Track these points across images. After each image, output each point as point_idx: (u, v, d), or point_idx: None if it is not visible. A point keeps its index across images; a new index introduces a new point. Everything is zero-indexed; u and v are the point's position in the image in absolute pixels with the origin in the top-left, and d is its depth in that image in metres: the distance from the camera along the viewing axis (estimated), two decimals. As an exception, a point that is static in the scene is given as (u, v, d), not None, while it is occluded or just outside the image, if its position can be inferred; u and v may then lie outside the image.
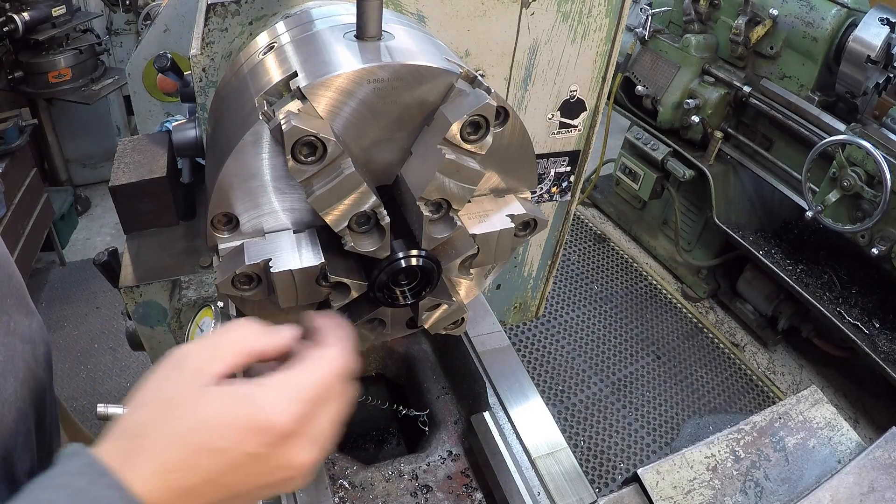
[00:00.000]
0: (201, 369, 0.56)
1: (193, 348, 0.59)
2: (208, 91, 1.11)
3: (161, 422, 0.53)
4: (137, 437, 0.53)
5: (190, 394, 0.55)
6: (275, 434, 0.55)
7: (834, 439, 1.04)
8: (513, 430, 1.11)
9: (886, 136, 2.72)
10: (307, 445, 0.58)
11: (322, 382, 0.59)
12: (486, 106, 0.72)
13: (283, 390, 0.57)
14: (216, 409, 0.54)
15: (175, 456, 0.52)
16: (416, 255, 0.79)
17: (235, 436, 0.54)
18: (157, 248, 1.53)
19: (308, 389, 0.58)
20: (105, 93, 3.97)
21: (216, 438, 0.53)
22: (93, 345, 3.53)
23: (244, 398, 0.55)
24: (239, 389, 0.56)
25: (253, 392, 0.56)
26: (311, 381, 0.58)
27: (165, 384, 0.56)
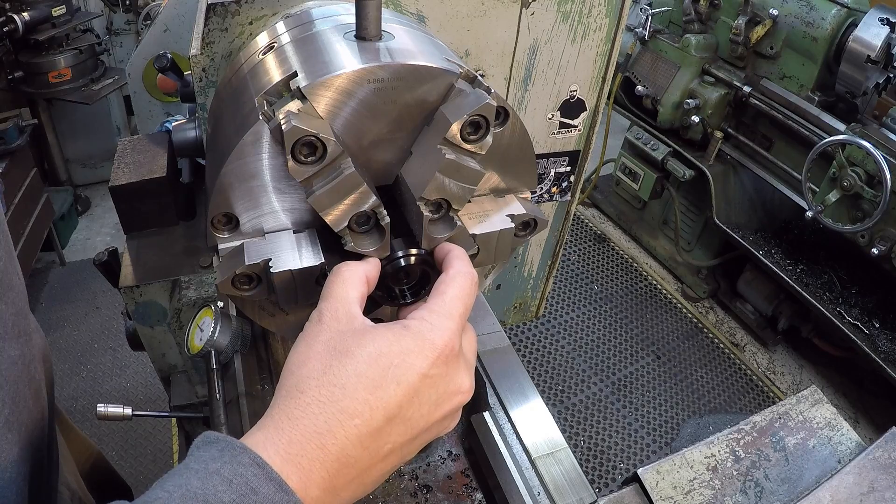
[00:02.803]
0: (347, 312, 0.58)
1: (323, 304, 0.60)
2: (208, 91, 1.11)
3: (336, 366, 0.53)
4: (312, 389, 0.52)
5: (352, 335, 0.55)
6: (444, 352, 0.56)
7: (834, 439, 1.04)
8: (513, 430, 1.11)
9: (886, 136, 2.72)
10: (467, 368, 0.60)
11: (461, 297, 0.61)
12: (486, 106, 0.72)
13: (434, 314, 0.58)
14: (386, 340, 0.55)
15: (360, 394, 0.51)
16: (415, 255, 0.79)
17: (412, 360, 0.54)
18: (157, 248, 1.53)
19: (453, 307, 0.60)
20: (105, 93, 3.97)
21: (395, 366, 0.53)
22: (93, 345, 3.53)
23: (405, 328, 0.57)
24: (395, 324, 0.58)
25: (410, 324, 0.58)
26: (454, 298, 0.60)
27: (320, 336, 0.56)
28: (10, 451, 0.64)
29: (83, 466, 1.07)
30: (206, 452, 0.49)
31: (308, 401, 0.51)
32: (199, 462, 0.48)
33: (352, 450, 0.51)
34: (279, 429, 0.50)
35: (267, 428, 0.50)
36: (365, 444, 0.52)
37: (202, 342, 1.08)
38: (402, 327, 0.57)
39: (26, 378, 0.70)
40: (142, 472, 2.93)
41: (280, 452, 0.49)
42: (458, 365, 0.58)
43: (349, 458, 0.51)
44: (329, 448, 0.50)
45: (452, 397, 0.58)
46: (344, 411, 0.50)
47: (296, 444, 0.49)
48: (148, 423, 3.08)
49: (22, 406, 0.68)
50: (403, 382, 0.53)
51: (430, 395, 0.55)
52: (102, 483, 1.14)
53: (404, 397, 0.53)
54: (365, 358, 0.53)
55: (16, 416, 0.66)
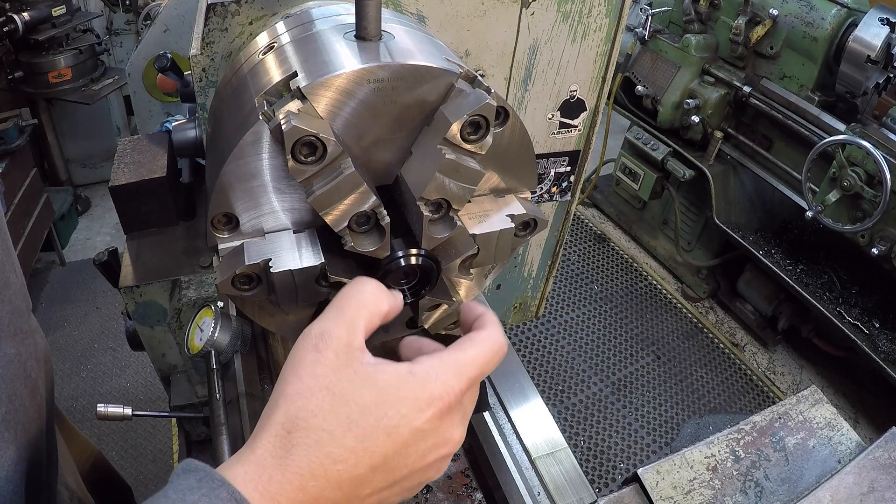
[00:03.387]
0: (348, 345, 0.54)
1: (328, 325, 0.56)
2: (208, 91, 1.11)
3: (327, 410, 0.51)
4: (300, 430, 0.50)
5: (350, 376, 0.53)
6: (440, 408, 0.54)
7: (834, 439, 1.04)
8: (513, 430, 1.11)
9: (886, 136, 2.72)
10: (461, 421, 0.58)
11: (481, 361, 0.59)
12: (486, 106, 0.72)
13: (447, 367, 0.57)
14: (385, 387, 0.53)
15: (348, 443, 0.50)
16: (415, 254, 0.79)
17: (407, 412, 0.52)
18: (157, 248, 1.52)
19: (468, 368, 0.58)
20: (105, 93, 3.97)
21: (389, 417, 0.52)
22: (93, 345, 3.53)
23: (411, 375, 0.55)
24: (401, 366, 0.55)
25: (416, 368, 0.55)
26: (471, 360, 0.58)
27: (315, 369, 0.53)
28: (7, 450, 0.64)
29: (83, 466, 1.07)
30: (184, 481, 0.48)
31: (295, 442, 0.50)
32: (177, 492, 0.47)
33: (330, 492, 0.50)
34: (261, 465, 0.49)
35: (248, 463, 0.49)
36: (345, 489, 0.51)
37: (202, 342, 1.08)
38: (408, 372, 0.55)
39: (23, 377, 0.70)
40: (142, 472, 2.93)
41: (259, 490, 0.48)
42: (452, 419, 0.57)
43: (327, 499, 0.50)
44: (309, 490, 0.49)
45: (440, 449, 0.57)
46: (329, 456, 0.50)
47: (276, 483, 0.49)
48: (148, 423, 3.08)
49: (18, 405, 0.68)
50: (394, 434, 0.52)
51: (418, 447, 0.54)
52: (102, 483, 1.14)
53: (392, 449, 0.52)
54: (360, 406, 0.52)
55: (12, 414, 0.65)
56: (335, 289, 0.81)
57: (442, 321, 0.94)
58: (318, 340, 0.55)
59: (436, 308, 0.91)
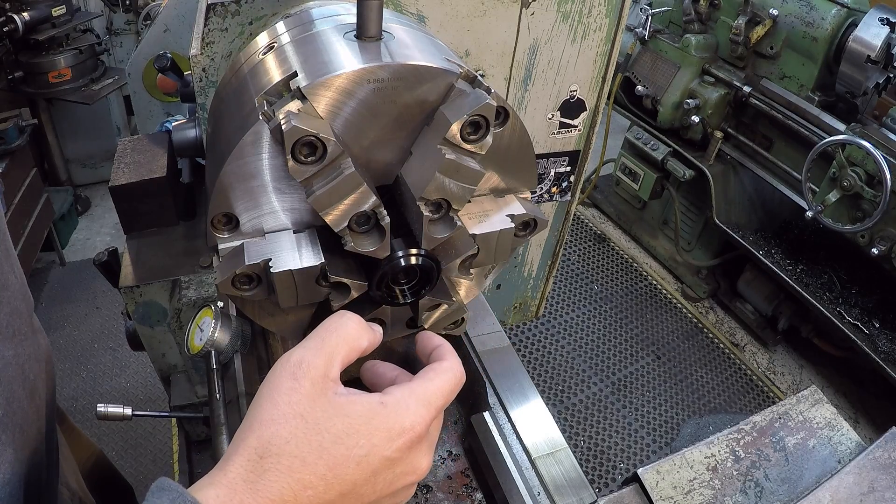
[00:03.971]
0: (324, 376, 0.56)
1: (307, 354, 0.58)
2: (208, 91, 1.11)
3: (300, 437, 0.52)
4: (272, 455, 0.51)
5: (324, 405, 0.54)
6: (410, 438, 0.57)
7: (834, 439, 1.04)
8: (513, 430, 1.11)
9: (886, 136, 2.72)
10: (428, 450, 0.61)
11: (446, 391, 0.63)
12: (486, 106, 0.72)
13: (415, 398, 0.59)
14: (357, 418, 0.55)
15: (319, 470, 0.52)
16: (415, 254, 0.79)
17: (377, 441, 0.54)
18: (157, 248, 1.53)
19: (435, 397, 0.61)
20: (105, 93, 3.97)
21: (360, 446, 0.54)
22: (93, 345, 3.53)
23: (382, 406, 0.57)
24: (372, 397, 0.57)
25: (387, 399, 0.58)
26: (437, 390, 0.62)
27: (291, 396, 0.54)
28: (4, 452, 0.64)
29: (84, 466, 1.07)
30: (158, 500, 0.49)
31: (267, 467, 0.51)
32: None
33: None
34: (233, 489, 0.50)
35: (220, 485, 0.50)
36: None
37: (202, 342, 1.08)
38: (379, 403, 0.57)
39: (21, 379, 0.69)
40: (142, 472, 2.93)
41: None
42: (420, 448, 0.59)
43: None
44: None
45: (408, 477, 0.59)
46: (300, 482, 0.51)
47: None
48: (148, 423, 3.09)
49: (16, 407, 0.67)
50: (364, 463, 0.54)
51: (386, 475, 0.56)
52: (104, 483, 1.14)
53: (361, 476, 0.54)
54: (332, 436, 0.53)
55: (10, 417, 0.65)
56: (335, 289, 0.81)
57: (442, 321, 0.94)
58: (295, 368, 0.56)
59: (436, 308, 0.91)
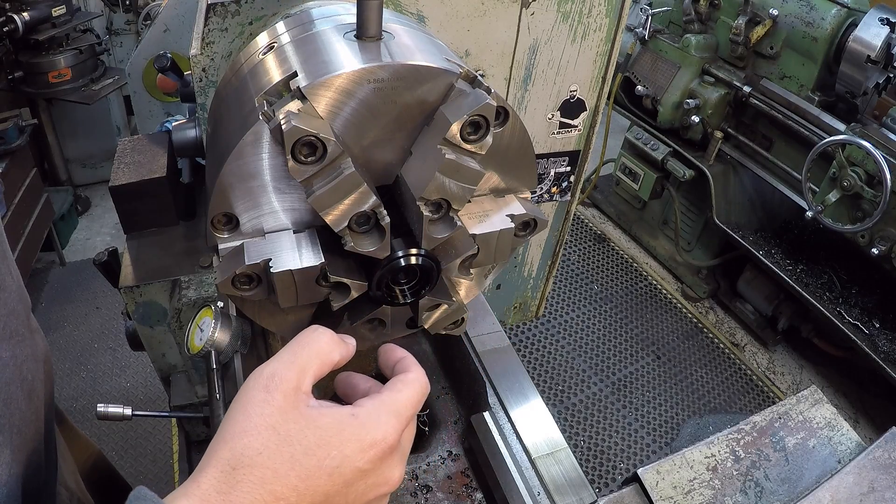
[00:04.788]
0: (296, 389, 0.57)
1: (280, 367, 0.58)
2: (208, 91, 1.11)
3: (272, 449, 0.53)
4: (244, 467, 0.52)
5: (296, 417, 0.55)
6: (382, 449, 0.57)
7: (834, 439, 1.04)
8: (513, 430, 1.11)
9: (886, 136, 2.72)
10: (400, 461, 0.61)
11: (414, 402, 0.63)
12: (486, 106, 0.72)
13: (385, 408, 0.60)
14: (329, 430, 0.55)
15: (291, 481, 0.52)
16: (415, 254, 0.79)
17: (349, 453, 0.55)
18: (157, 248, 1.52)
19: (404, 408, 0.61)
20: (105, 93, 3.97)
21: (332, 458, 0.54)
22: (93, 345, 3.53)
23: (353, 417, 0.57)
24: (343, 409, 0.58)
25: (358, 411, 0.58)
26: (405, 401, 0.62)
27: (264, 409, 0.55)
28: (2, 454, 0.64)
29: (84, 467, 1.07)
30: None
31: (239, 479, 0.51)
32: None
33: None
34: (206, 501, 0.50)
35: (193, 497, 0.51)
36: None
37: (202, 342, 1.08)
38: (350, 415, 0.57)
39: (18, 380, 0.69)
40: (142, 472, 2.93)
41: None
42: (392, 459, 0.59)
43: None
44: None
45: (380, 488, 0.59)
46: (272, 493, 0.51)
47: None
48: (148, 423, 3.09)
49: (14, 408, 0.68)
50: (336, 474, 0.54)
51: (358, 486, 0.57)
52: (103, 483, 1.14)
53: (333, 488, 0.54)
54: (303, 447, 0.54)
55: (6, 418, 0.65)
56: (335, 289, 0.81)
57: (442, 321, 0.94)
58: (268, 381, 0.57)
59: (436, 308, 0.91)
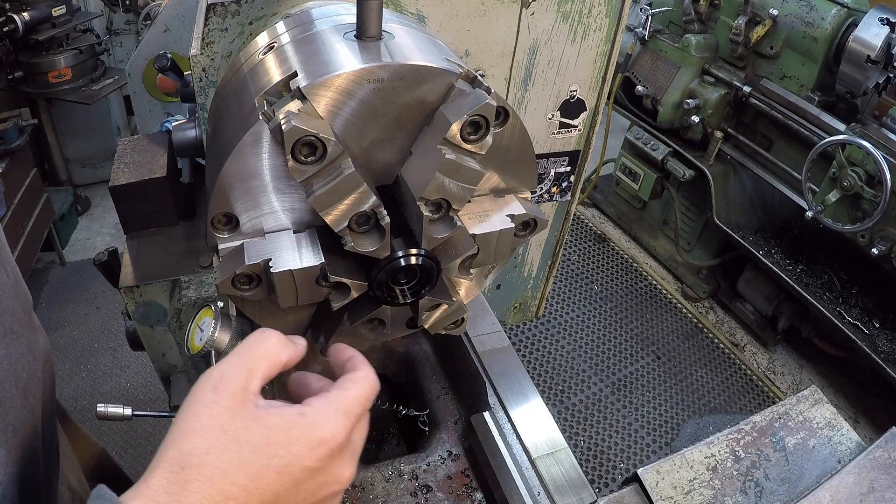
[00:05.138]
0: (244, 389, 0.57)
1: (228, 368, 0.59)
2: (208, 91, 1.11)
3: (220, 448, 0.53)
4: (193, 467, 0.52)
5: (243, 417, 0.55)
6: (331, 447, 0.57)
7: (834, 439, 1.04)
8: (513, 430, 1.11)
9: (886, 136, 2.72)
10: (350, 459, 0.61)
11: (363, 399, 0.63)
12: (486, 106, 0.72)
13: (334, 406, 0.60)
14: (276, 428, 0.56)
15: (239, 480, 0.52)
16: (415, 254, 0.79)
17: (297, 451, 0.55)
18: (157, 248, 1.53)
19: (353, 406, 0.61)
20: (105, 93, 3.97)
21: (280, 456, 0.54)
22: (93, 345, 3.53)
23: (301, 416, 0.57)
24: (292, 408, 0.58)
25: (306, 409, 0.58)
26: (354, 399, 0.62)
27: (212, 409, 0.56)
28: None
29: (87, 465, 1.06)
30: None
31: (188, 479, 0.52)
32: None
33: None
34: (155, 501, 0.51)
35: (143, 497, 0.51)
36: None
37: (202, 342, 1.08)
38: (299, 414, 0.58)
39: (13, 378, 0.69)
40: (142, 472, 2.92)
41: None
42: (342, 458, 0.60)
43: None
44: None
45: (331, 486, 0.60)
46: (221, 493, 0.52)
47: None
48: (148, 423, 3.08)
49: (9, 406, 0.67)
50: (285, 473, 0.55)
51: (308, 485, 0.57)
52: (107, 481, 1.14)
53: (282, 486, 0.55)
54: (251, 446, 0.54)
55: (1, 416, 0.66)
56: (336, 289, 0.81)
57: (442, 321, 0.94)
58: (216, 382, 0.58)
59: (436, 308, 0.91)
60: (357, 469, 0.65)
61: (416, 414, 1.23)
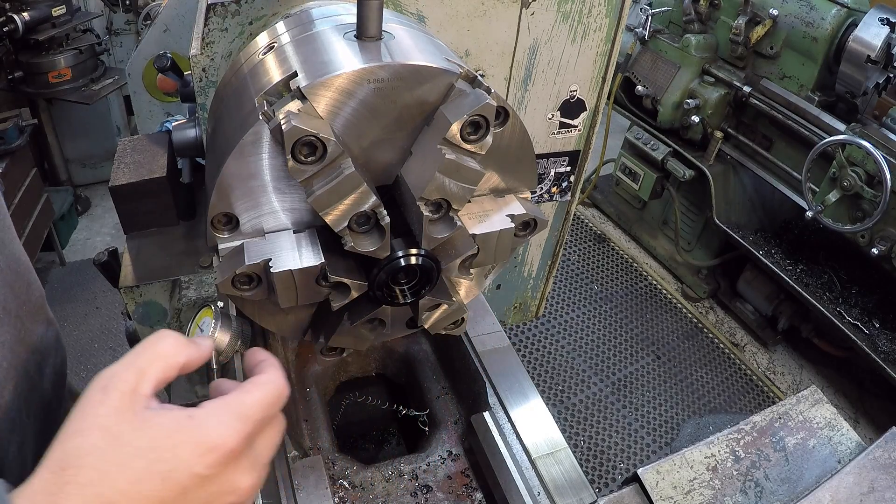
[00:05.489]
0: (133, 391, 0.54)
1: (119, 369, 0.56)
2: (208, 91, 1.11)
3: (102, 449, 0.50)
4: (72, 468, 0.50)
5: (129, 418, 0.53)
6: (223, 453, 0.54)
7: (834, 439, 1.04)
8: (513, 430, 1.11)
9: (886, 136, 2.72)
10: (250, 468, 0.57)
11: (264, 404, 0.59)
12: (486, 106, 0.72)
13: (228, 410, 0.56)
14: (162, 431, 0.53)
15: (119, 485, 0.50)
16: (415, 254, 0.79)
17: (184, 456, 0.52)
18: (157, 248, 1.52)
19: (252, 410, 0.58)
20: (105, 93, 3.97)
21: (164, 461, 0.52)
22: (93, 345, 3.53)
23: (189, 419, 0.54)
24: (182, 411, 0.55)
25: (196, 412, 0.55)
26: (254, 402, 0.58)
27: (98, 409, 0.53)
28: None
29: None
30: None
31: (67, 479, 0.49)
32: None
33: None
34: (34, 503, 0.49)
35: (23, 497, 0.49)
36: None
37: (202, 342, 1.08)
38: (187, 417, 0.55)
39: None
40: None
41: None
42: (237, 466, 0.56)
43: None
44: None
45: (225, 497, 0.56)
46: (99, 496, 0.49)
47: None
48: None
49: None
50: (170, 479, 0.52)
51: (198, 493, 0.54)
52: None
53: (168, 494, 0.52)
54: (134, 449, 0.51)
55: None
56: (336, 289, 0.81)
57: (442, 321, 0.94)
58: (107, 382, 0.55)
59: (436, 308, 0.91)
60: None
61: (416, 414, 1.23)
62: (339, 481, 1.09)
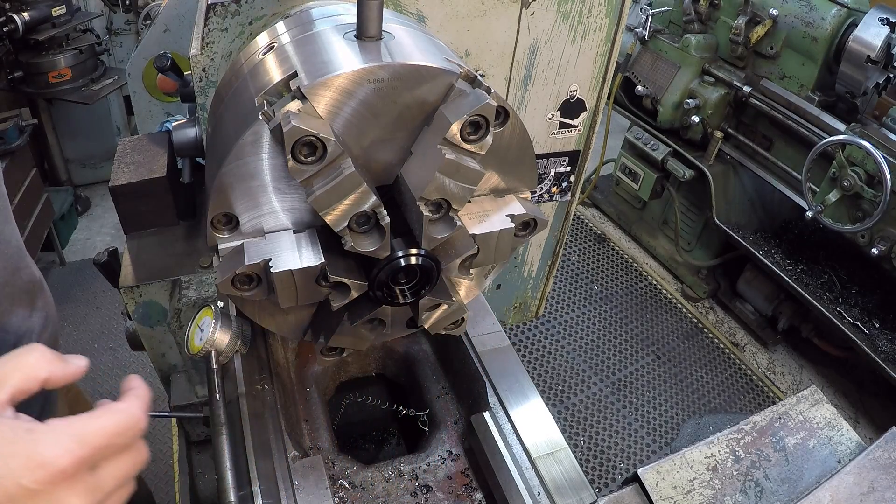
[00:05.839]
0: None
1: None
2: (208, 91, 1.11)
3: None
4: None
5: None
6: (52, 472, 0.53)
7: (834, 439, 1.04)
8: (513, 430, 1.11)
9: (886, 136, 2.72)
10: (85, 493, 0.56)
11: (110, 432, 0.59)
12: (486, 106, 0.72)
13: (67, 431, 0.56)
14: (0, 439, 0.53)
15: None
16: (415, 254, 0.79)
17: (14, 467, 0.52)
18: (157, 248, 1.52)
19: (93, 436, 0.57)
20: (105, 93, 3.97)
21: None
22: (93, 345, 3.53)
23: (27, 431, 0.54)
24: (23, 423, 0.55)
25: (37, 427, 0.55)
26: (98, 429, 0.58)
27: None
28: None
29: None
30: None
31: None
32: None
33: None
34: None
35: None
36: None
37: (202, 342, 1.08)
38: (26, 430, 0.55)
39: None
40: (142, 472, 2.92)
41: None
42: (71, 488, 0.55)
43: None
44: None
45: None
46: None
47: None
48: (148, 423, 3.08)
49: None
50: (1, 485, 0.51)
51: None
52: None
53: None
54: None
55: None
56: (336, 289, 0.81)
57: (442, 321, 0.94)
58: None
59: (436, 308, 0.91)
60: None
61: (416, 414, 1.23)
62: (339, 481, 1.08)
